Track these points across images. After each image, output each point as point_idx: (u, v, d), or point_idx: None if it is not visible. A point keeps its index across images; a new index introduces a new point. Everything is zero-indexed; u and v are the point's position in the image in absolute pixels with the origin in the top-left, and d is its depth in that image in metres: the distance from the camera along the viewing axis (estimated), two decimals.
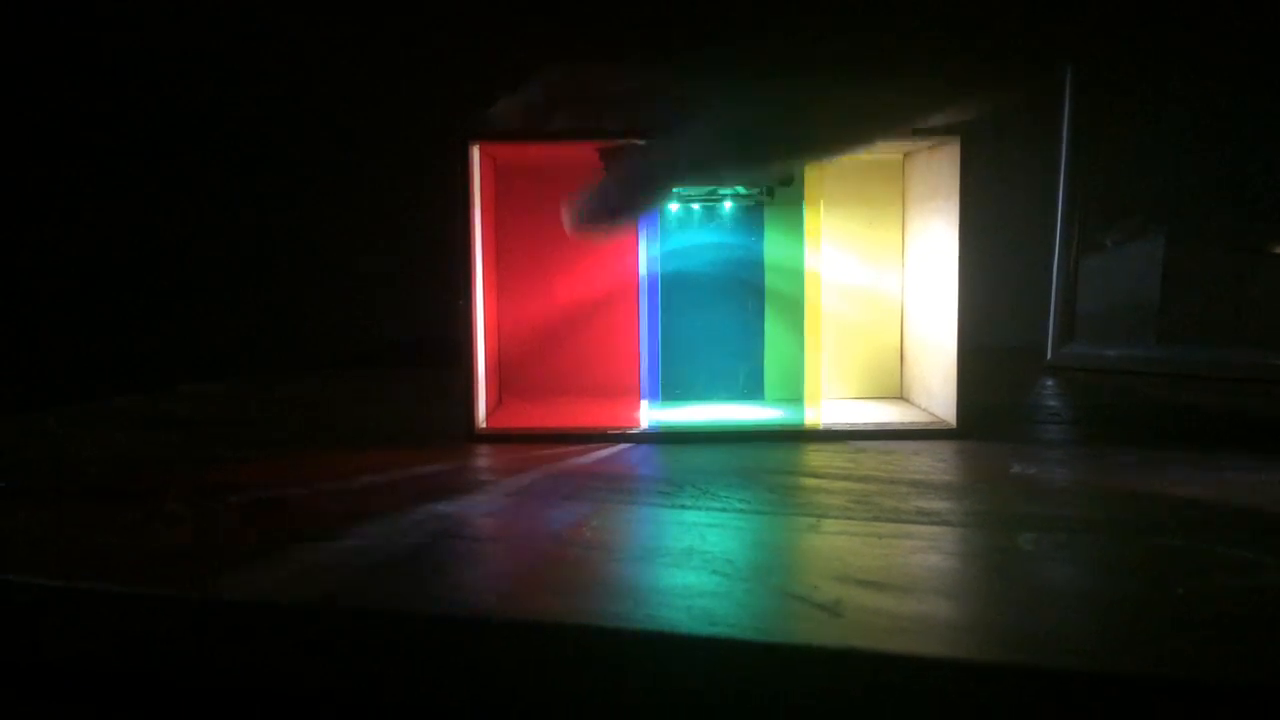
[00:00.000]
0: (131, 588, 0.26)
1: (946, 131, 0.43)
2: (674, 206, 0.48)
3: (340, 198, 1.02)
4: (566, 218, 0.40)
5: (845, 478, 0.37)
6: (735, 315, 0.50)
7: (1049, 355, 0.73)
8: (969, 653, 0.21)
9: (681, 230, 0.49)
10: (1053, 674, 0.20)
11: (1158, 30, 0.35)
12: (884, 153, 0.52)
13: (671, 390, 0.50)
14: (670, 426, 0.46)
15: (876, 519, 0.31)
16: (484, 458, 0.42)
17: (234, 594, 0.25)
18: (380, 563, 0.27)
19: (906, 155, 0.52)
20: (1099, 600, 0.24)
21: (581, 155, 0.49)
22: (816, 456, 0.41)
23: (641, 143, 0.41)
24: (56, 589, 0.26)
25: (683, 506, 0.33)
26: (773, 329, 0.50)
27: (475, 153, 0.44)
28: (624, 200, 0.39)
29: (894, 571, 0.26)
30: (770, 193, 0.47)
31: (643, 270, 0.48)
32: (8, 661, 0.28)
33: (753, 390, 0.51)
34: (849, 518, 0.31)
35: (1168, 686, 0.20)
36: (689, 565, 0.27)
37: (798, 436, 0.45)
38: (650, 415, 0.47)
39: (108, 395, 0.59)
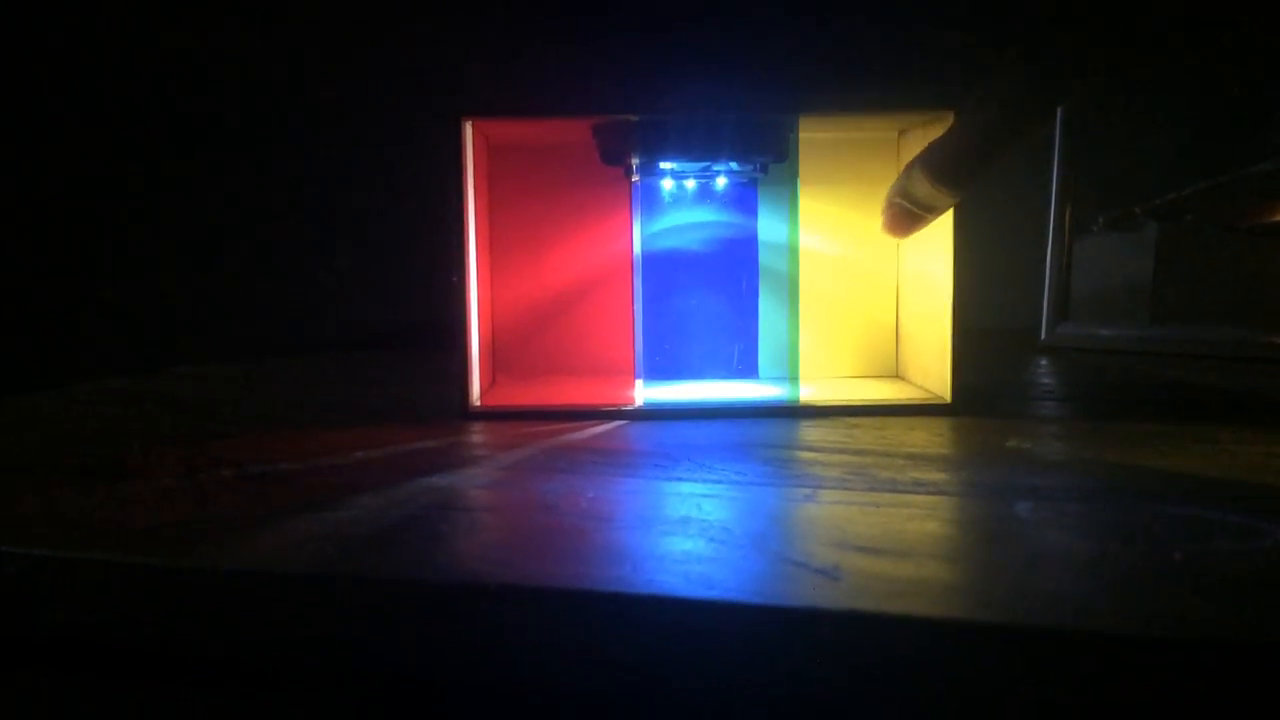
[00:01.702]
0: (129, 558, 0.26)
1: (944, 105, 0.43)
2: (667, 183, 0.48)
3: (333, 177, 1.01)
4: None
5: (841, 451, 0.37)
6: (730, 293, 0.50)
7: (1043, 335, 0.73)
8: (966, 613, 0.21)
9: (675, 207, 0.49)
10: (1048, 633, 0.20)
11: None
12: (878, 130, 0.52)
13: (666, 368, 0.50)
14: (665, 404, 0.46)
15: (873, 489, 0.31)
16: (479, 434, 0.42)
17: (230, 564, 0.25)
18: (377, 533, 0.27)
19: (901, 132, 0.52)
20: (1095, 563, 0.24)
21: (576, 132, 0.49)
22: (812, 432, 0.41)
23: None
24: (54, 560, 0.26)
25: (679, 479, 0.33)
26: (767, 306, 0.50)
27: (468, 130, 0.44)
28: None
29: (891, 538, 0.26)
30: (764, 168, 0.47)
31: (637, 248, 0.48)
32: (7, 634, 0.27)
33: (747, 368, 0.51)
34: (846, 488, 0.31)
35: (1162, 645, 0.20)
36: (686, 533, 0.27)
37: (793, 413, 0.45)
38: (645, 393, 0.47)
39: (103, 376, 0.58)
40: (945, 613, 0.21)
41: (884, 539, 0.26)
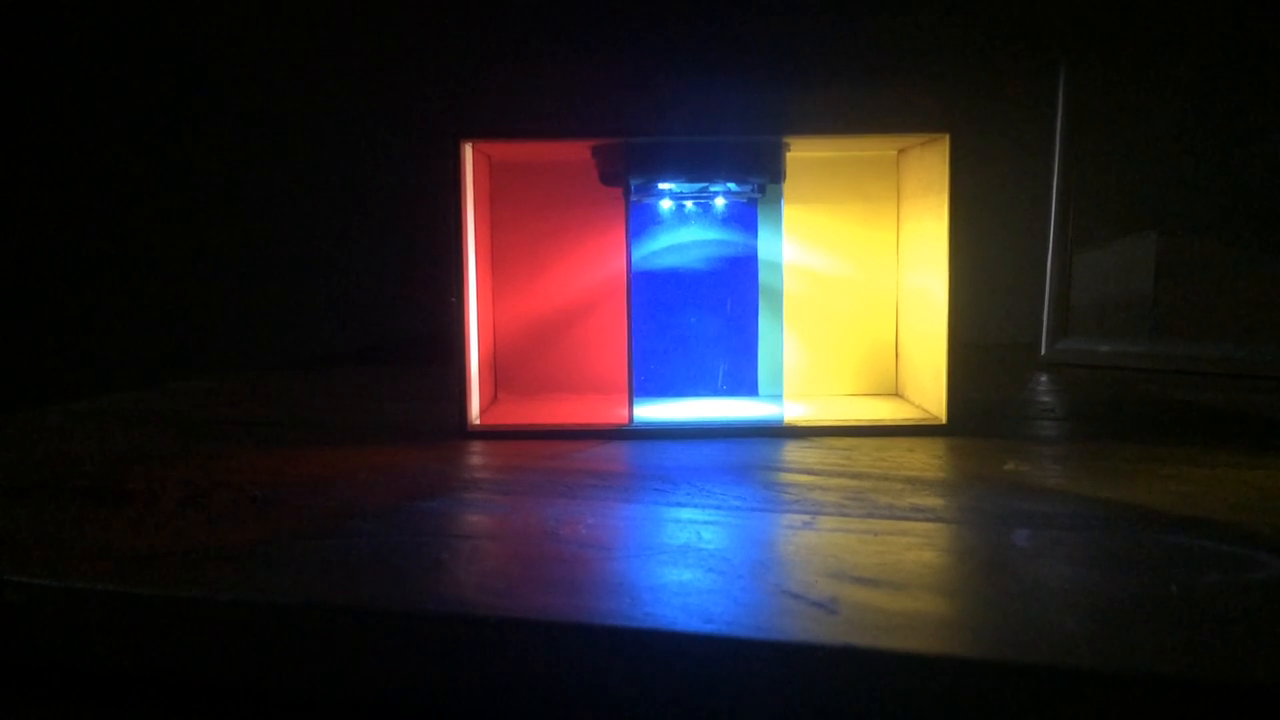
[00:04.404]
0: (128, 588, 0.26)
1: (938, 128, 0.44)
2: (666, 204, 0.48)
3: (335, 195, 1.01)
4: None
5: (840, 474, 0.37)
6: (730, 311, 0.50)
7: (1043, 351, 0.73)
8: (963, 650, 0.21)
9: (676, 227, 0.49)
10: (1045, 671, 0.20)
11: (1150, 23, 0.35)
12: (878, 149, 0.52)
13: (665, 386, 0.50)
14: (665, 423, 0.46)
15: (871, 515, 0.31)
16: (477, 455, 0.42)
17: (230, 593, 0.25)
18: (376, 561, 0.27)
19: (900, 151, 0.52)
20: (1092, 597, 0.24)
21: (577, 151, 0.49)
22: (811, 453, 0.41)
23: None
24: (54, 589, 0.26)
25: (678, 504, 0.33)
26: (767, 325, 0.50)
27: (467, 150, 0.44)
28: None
29: (888, 569, 0.26)
30: (761, 189, 0.47)
31: (638, 267, 0.48)
32: (6, 661, 0.27)
33: (747, 386, 0.51)
34: (844, 514, 0.31)
35: (1159, 683, 0.20)
36: (685, 563, 0.27)
37: (790, 433, 0.45)
38: (645, 412, 0.47)
39: (99, 393, 0.58)
40: (940, 649, 0.21)
41: (881, 569, 0.26)
